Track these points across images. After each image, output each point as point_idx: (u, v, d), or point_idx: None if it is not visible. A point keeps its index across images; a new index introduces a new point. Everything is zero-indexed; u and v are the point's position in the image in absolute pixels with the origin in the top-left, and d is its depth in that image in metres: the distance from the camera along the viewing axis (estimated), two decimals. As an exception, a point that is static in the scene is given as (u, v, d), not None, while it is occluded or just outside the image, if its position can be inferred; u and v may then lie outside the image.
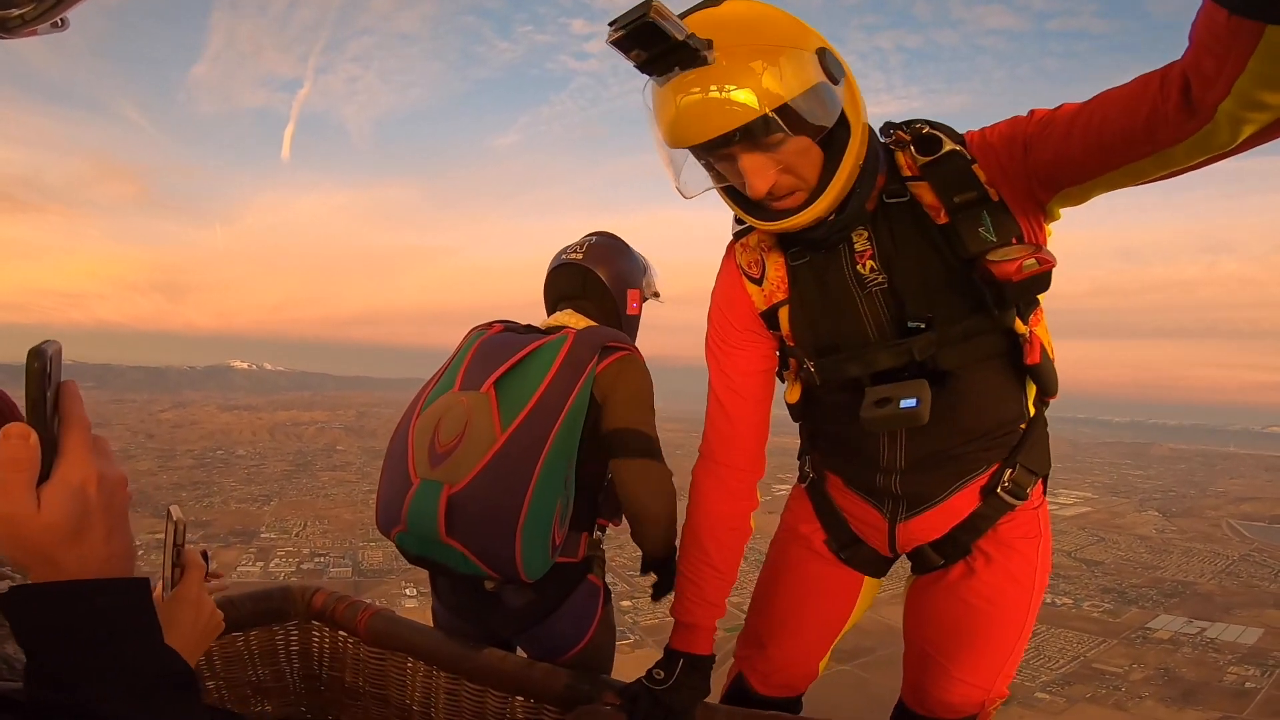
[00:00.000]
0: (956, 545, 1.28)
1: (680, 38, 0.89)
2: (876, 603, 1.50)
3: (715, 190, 1.12)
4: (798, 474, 1.49)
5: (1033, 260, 1.01)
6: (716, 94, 0.93)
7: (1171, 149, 0.84)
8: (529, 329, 1.51)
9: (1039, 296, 1.10)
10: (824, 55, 0.97)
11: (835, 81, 0.98)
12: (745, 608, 1.56)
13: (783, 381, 1.33)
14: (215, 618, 0.74)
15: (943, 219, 1.08)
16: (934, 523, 1.28)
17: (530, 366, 1.35)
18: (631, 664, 1.47)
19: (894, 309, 1.13)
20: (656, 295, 1.71)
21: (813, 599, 1.44)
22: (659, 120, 1.01)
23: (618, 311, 1.58)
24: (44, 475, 0.48)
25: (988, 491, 1.25)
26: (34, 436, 0.47)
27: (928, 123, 1.10)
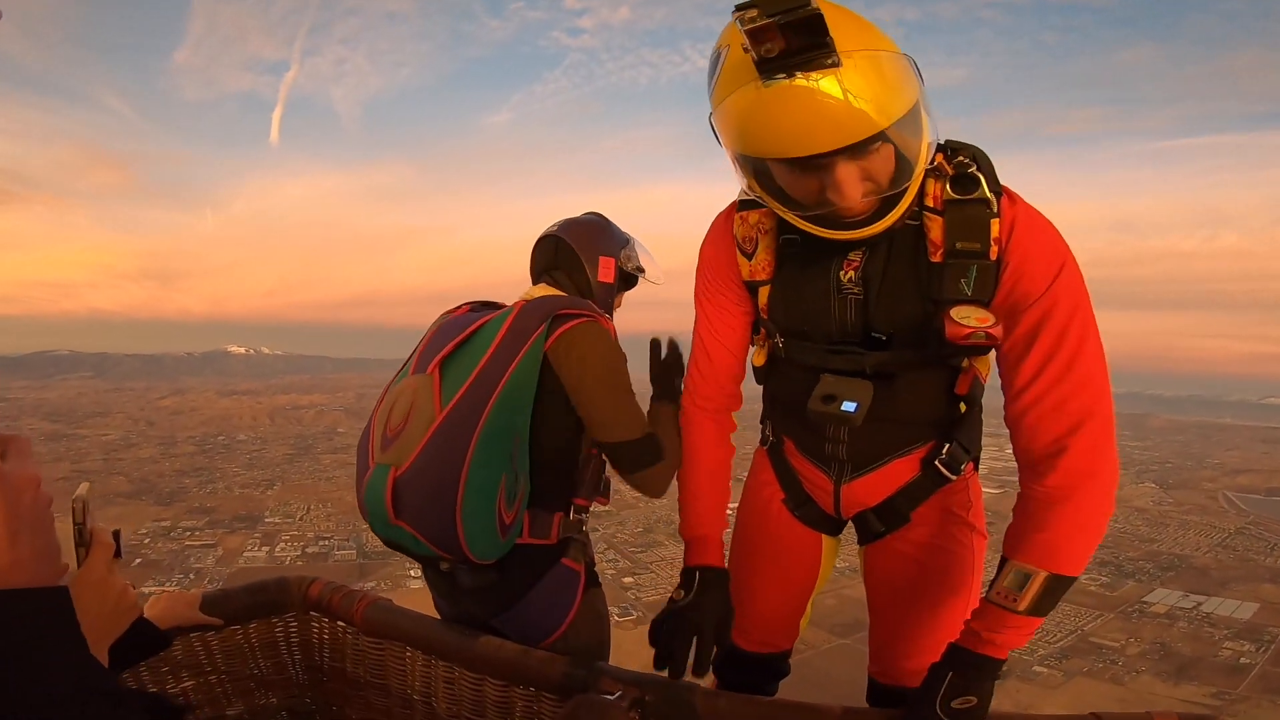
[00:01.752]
0: (896, 513, 1.36)
1: (827, 40, 0.84)
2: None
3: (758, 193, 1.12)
4: (759, 437, 1.58)
5: (981, 334, 1.08)
6: (829, 105, 0.89)
7: None
8: (489, 306, 1.49)
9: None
10: (913, 61, 0.95)
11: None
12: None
13: (753, 345, 1.42)
14: (126, 599, 0.70)
15: (937, 258, 1.11)
16: (875, 486, 1.36)
17: (475, 342, 1.33)
18: (633, 640, 1.49)
19: (861, 318, 1.20)
20: (640, 271, 1.65)
21: (778, 556, 1.52)
22: (751, 123, 0.95)
23: (588, 278, 1.54)
24: None
25: (926, 463, 1.34)
26: None
27: (975, 160, 1.09)
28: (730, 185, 1.18)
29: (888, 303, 1.17)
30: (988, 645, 1.08)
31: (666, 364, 1.53)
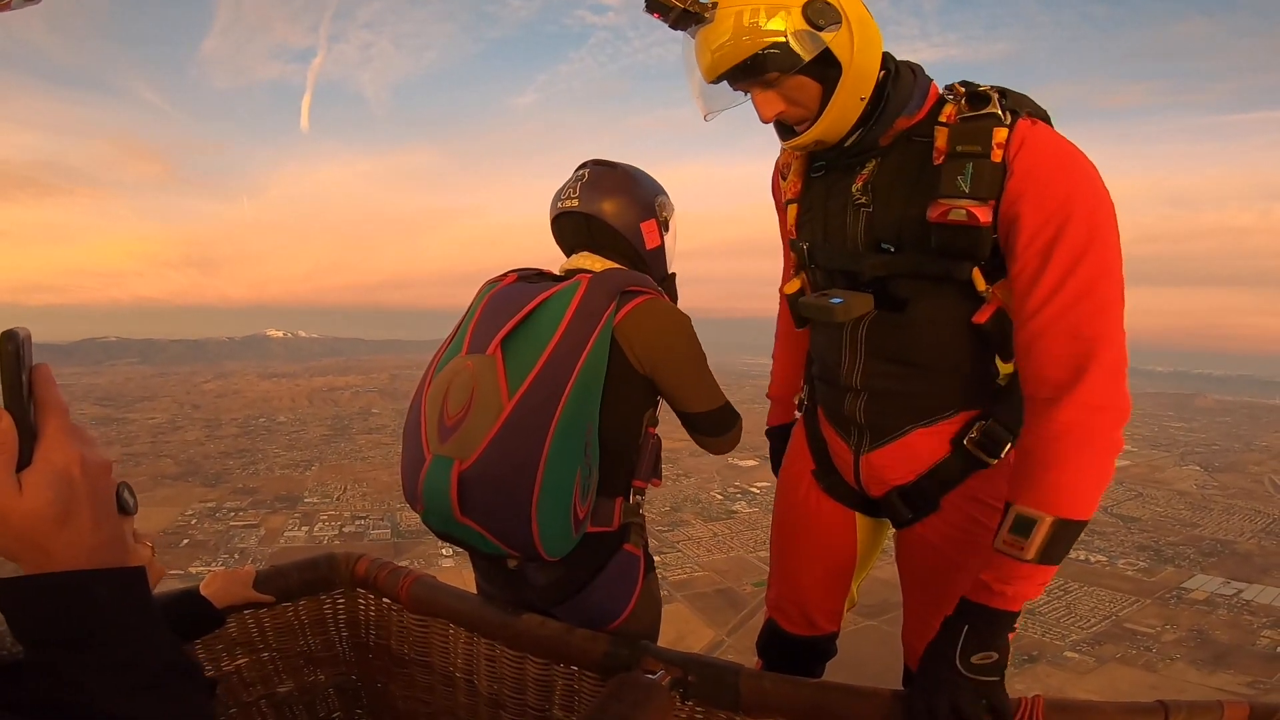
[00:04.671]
0: (925, 497, 1.32)
1: (683, 5, 1.11)
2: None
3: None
4: (798, 405, 1.62)
5: (962, 211, 1.09)
6: (711, 44, 1.14)
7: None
8: (542, 276, 1.40)
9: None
10: (809, 6, 1.10)
11: (819, 28, 1.11)
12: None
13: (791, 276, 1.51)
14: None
15: (938, 161, 1.15)
16: (896, 460, 1.33)
17: (539, 320, 1.24)
18: (662, 620, 1.50)
19: (870, 230, 1.25)
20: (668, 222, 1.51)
21: (809, 533, 1.52)
22: (691, 63, 1.22)
23: (637, 251, 1.43)
24: (24, 461, 0.46)
25: (956, 442, 1.29)
26: (8, 420, 0.46)
27: (1001, 91, 1.15)
28: (758, 163, 1.40)
29: (891, 209, 1.21)
30: (998, 597, 1.06)
31: None
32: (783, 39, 1.11)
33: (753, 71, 1.15)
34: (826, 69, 1.15)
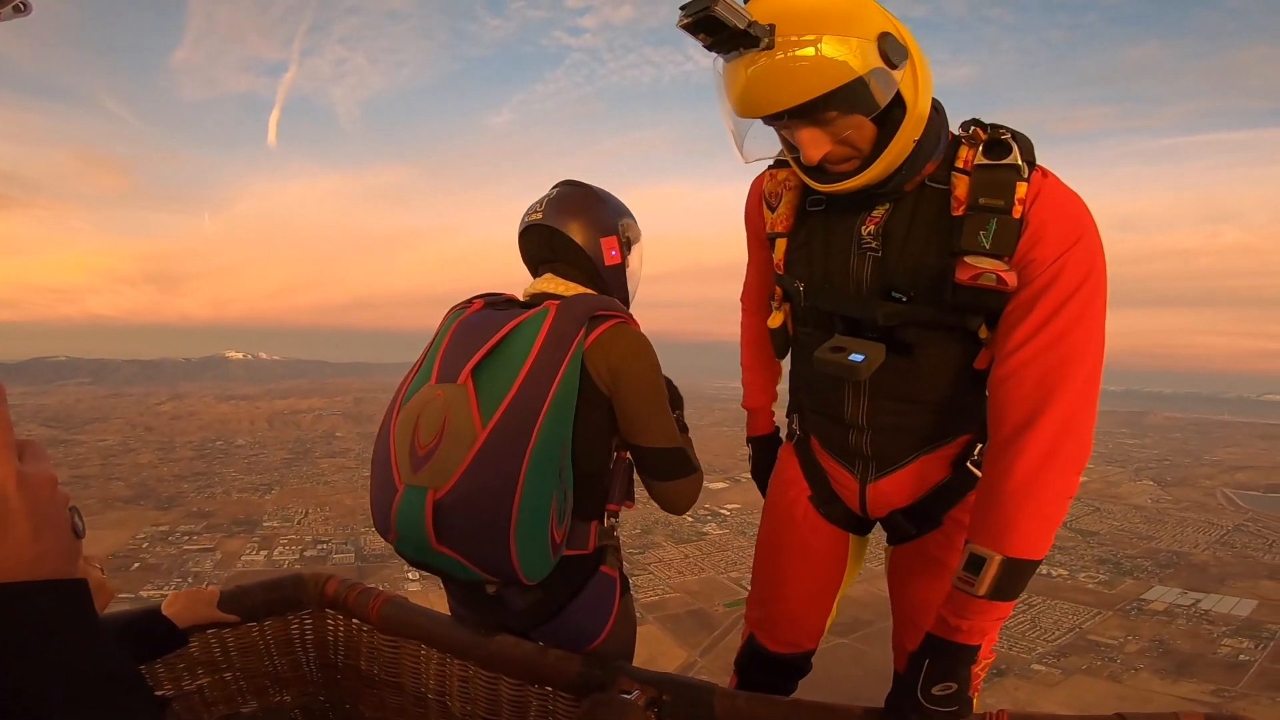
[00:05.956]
0: (928, 516, 1.36)
1: (741, 27, 0.97)
2: (872, 576, 1.54)
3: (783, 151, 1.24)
4: (785, 431, 1.62)
5: (992, 276, 1.08)
6: (772, 75, 1.02)
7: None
8: (510, 303, 1.41)
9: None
10: (885, 40, 1.02)
11: (894, 66, 1.03)
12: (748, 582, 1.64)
13: (772, 306, 1.49)
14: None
15: (959, 212, 1.13)
16: (901, 486, 1.36)
17: (510, 348, 1.24)
18: (637, 640, 1.50)
19: (878, 276, 1.22)
20: (636, 240, 1.52)
21: (804, 555, 1.53)
22: (728, 92, 1.10)
23: (595, 267, 1.43)
24: None
25: (958, 463, 1.32)
26: None
27: (1013, 134, 1.14)
28: (733, 187, 1.25)
29: (906, 257, 1.18)
30: (955, 632, 1.08)
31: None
32: (857, 77, 1.01)
33: (814, 110, 1.06)
34: (889, 108, 1.08)
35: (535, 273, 1.49)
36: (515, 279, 1.50)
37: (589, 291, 1.40)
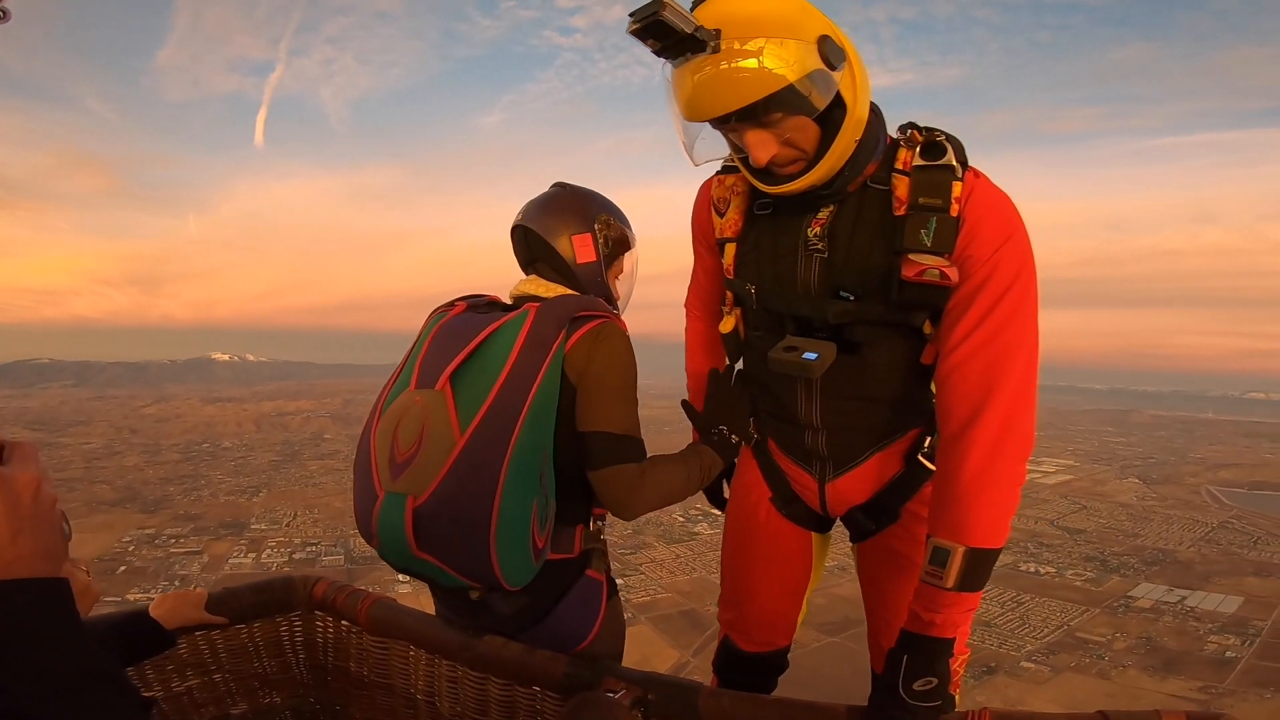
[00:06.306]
0: (885, 510, 1.40)
1: (688, 31, 1.00)
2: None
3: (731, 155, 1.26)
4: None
5: (936, 271, 1.13)
6: (718, 80, 1.04)
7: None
8: (492, 305, 1.39)
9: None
10: (824, 43, 1.05)
11: (833, 68, 1.06)
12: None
13: (723, 310, 1.51)
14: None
15: (901, 212, 1.18)
16: (859, 483, 1.40)
17: (489, 353, 1.22)
18: (626, 641, 1.51)
19: (826, 277, 1.25)
20: (625, 243, 1.48)
21: (770, 556, 1.56)
22: (676, 97, 1.12)
23: (567, 264, 1.40)
24: None
25: (909, 457, 1.37)
26: None
27: (947, 136, 1.18)
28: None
29: (853, 257, 1.22)
30: (929, 626, 1.11)
31: (726, 399, 1.46)
32: (799, 78, 1.04)
33: (759, 112, 1.08)
34: (830, 110, 1.11)
35: (525, 274, 1.48)
36: (506, 280, 1.51)
37: (570, 293, 1.38)
